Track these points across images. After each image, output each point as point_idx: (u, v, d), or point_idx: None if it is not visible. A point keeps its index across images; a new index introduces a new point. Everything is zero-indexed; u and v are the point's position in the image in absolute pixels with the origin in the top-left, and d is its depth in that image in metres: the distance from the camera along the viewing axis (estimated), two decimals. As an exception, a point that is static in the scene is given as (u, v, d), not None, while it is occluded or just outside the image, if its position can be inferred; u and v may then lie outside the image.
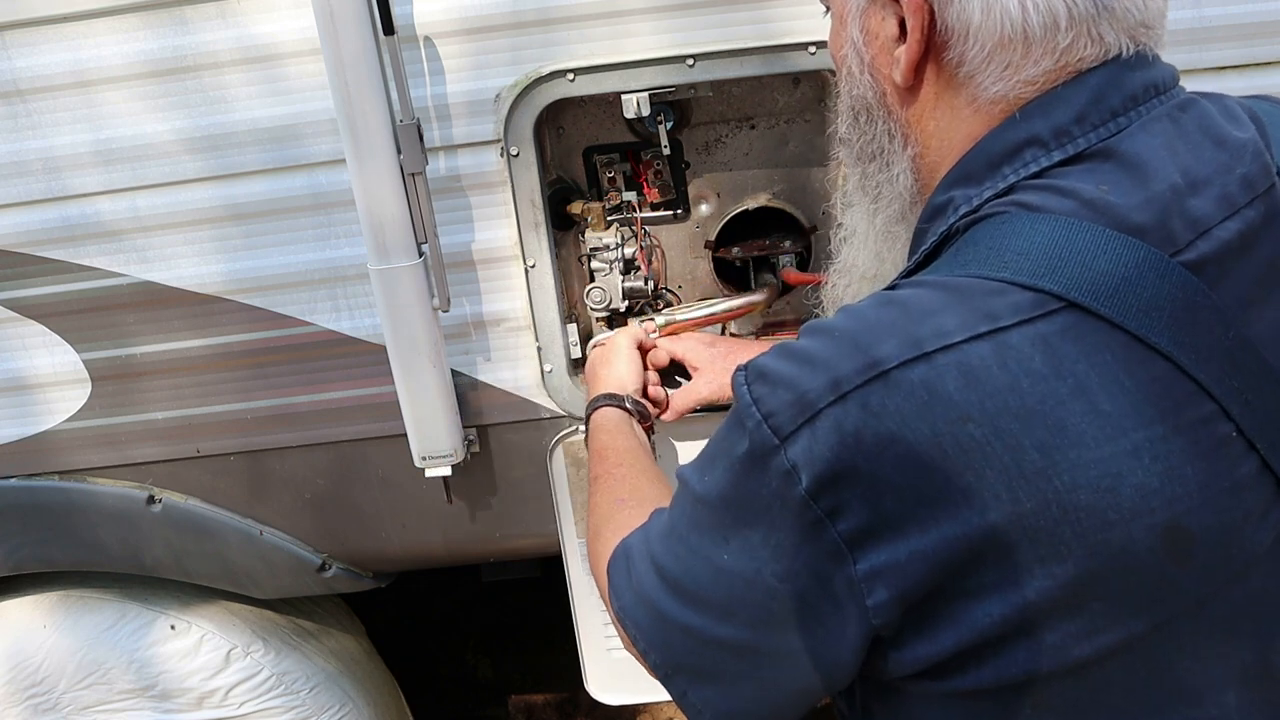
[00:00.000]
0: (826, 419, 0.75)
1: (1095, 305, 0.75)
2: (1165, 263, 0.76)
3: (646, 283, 1.67)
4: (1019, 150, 0.82)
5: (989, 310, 0.75)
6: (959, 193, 0.85)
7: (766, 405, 0.78)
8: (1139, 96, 0.82)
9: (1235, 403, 0.77)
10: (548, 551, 1.90)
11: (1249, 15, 1.50)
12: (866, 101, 0.93)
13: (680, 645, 0.89)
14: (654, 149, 1.67)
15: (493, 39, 1.52)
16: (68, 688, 2.03)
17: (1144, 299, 0.75)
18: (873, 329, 0.77)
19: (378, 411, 1.75)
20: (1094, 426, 0.73)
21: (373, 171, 1.48)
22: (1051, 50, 0.81)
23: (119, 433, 1.79)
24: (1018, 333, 0.74)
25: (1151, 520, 0.74)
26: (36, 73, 1.55)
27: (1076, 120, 0.81)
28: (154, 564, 1.92)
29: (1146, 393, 0.75)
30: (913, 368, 0.74)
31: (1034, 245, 0.77)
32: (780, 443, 0.77)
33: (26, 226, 1.65)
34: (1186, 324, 0.76)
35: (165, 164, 1.60)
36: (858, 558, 0.76)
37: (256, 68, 1.54)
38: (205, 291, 1.68)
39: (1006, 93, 0.83)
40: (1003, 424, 0.73)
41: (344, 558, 1.93)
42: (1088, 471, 0.73)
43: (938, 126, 0.88)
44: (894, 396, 0.74)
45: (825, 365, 0.76)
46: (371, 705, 2.20)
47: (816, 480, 0.76)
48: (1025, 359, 0.74)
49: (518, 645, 3.14)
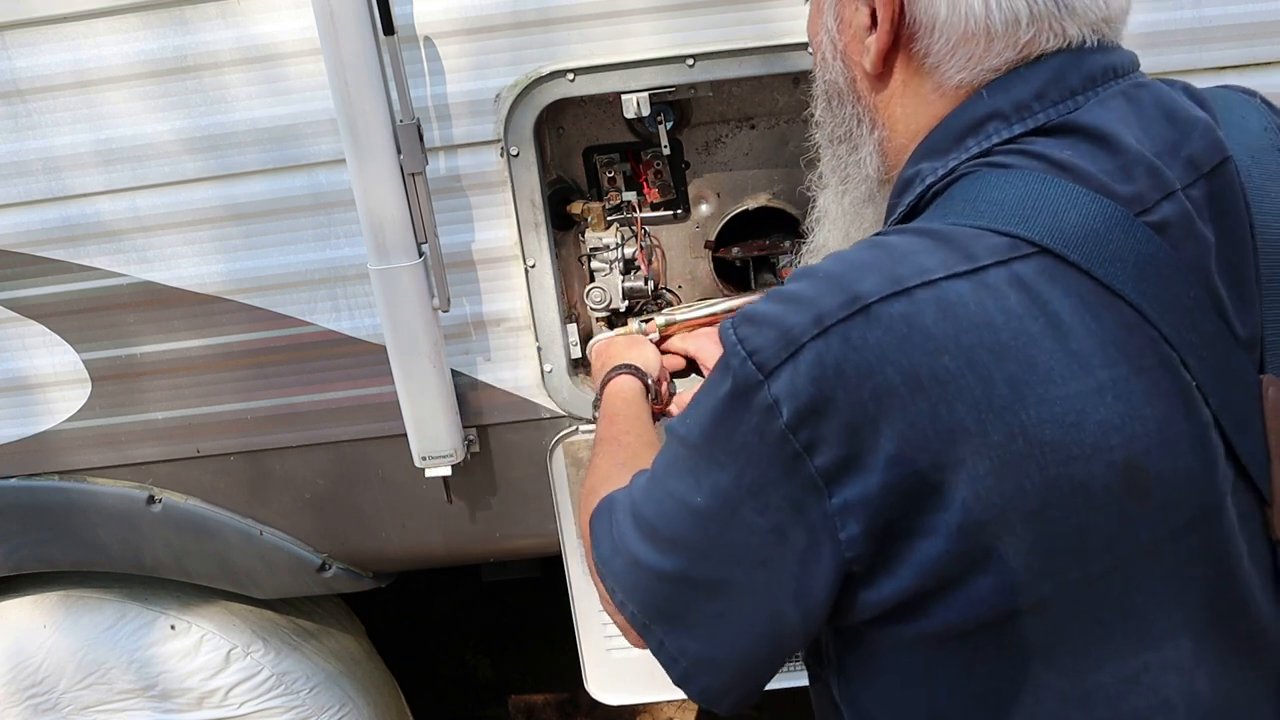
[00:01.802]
0: (809, 352, 0.78)
1: (1065, 252, 0.78)
2: (1130, 220, 0.80)
3: (646, 283, 1.67)
4: (981, 124, 0.86)
5: (968, 251, 0.79)
6: (926, 165, 0.89)
7: (751, 344, 0.81)
8: (1097, 78, 0.86)
9: (1193, 357, 0.80)
10: (548, 551, 1.90)
11: (1249, 15, 1.50)
12: (838, 86, 0.97)
13: (656, 591, 0.90)
14: (654, 149, 1.67)
15: (493, 39, 1.52)
16: (68, 688, 2.03)
17: (1110, 250, 0.79)
18: (856, 268, 0.80)
19: (378, 411, 1.75)
20: (1062, 364, 0.76)
21: (373, 171, 1.48)
22: (1013, 44, 0.85)
23: (119, 433, 1.79)
24: (994, 272, 0.78)
25: (1111, 457, 0.77)
26: (37, 73, 1.55)
27: (1036, 96, 0.85)
28: (154, 564, 1.92)
29: (1112, 335, 0.78)
30: (893, 302, 0.77)
31: (1007, 197, 0.81)
32: (764, 378, 0.79)
33: (27, 226, 1.65)
34: (1150, 276, 0.80)
35: (165, 164, 1.60)
36: (833, 491, 0.79)
37: (256, 68, 1.54)
38: (205, 291, 1.68)
39: (970, 80, 0.87)
40: (976, 357, 0.76)
41: (344, 558, 1.93)
42: (1054, 407, 0.76)
43: (904, 111, 0.92)
44: (874, 329, 0.77)
45: (809, 303, 0.79)
46: (371, 705, 2.20)
47: (797, 413, 0.78)
48: (1001, 296, 0.77)
49: (518, 645, 3.14)
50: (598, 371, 1.54)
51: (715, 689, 0.91)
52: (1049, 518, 0.77)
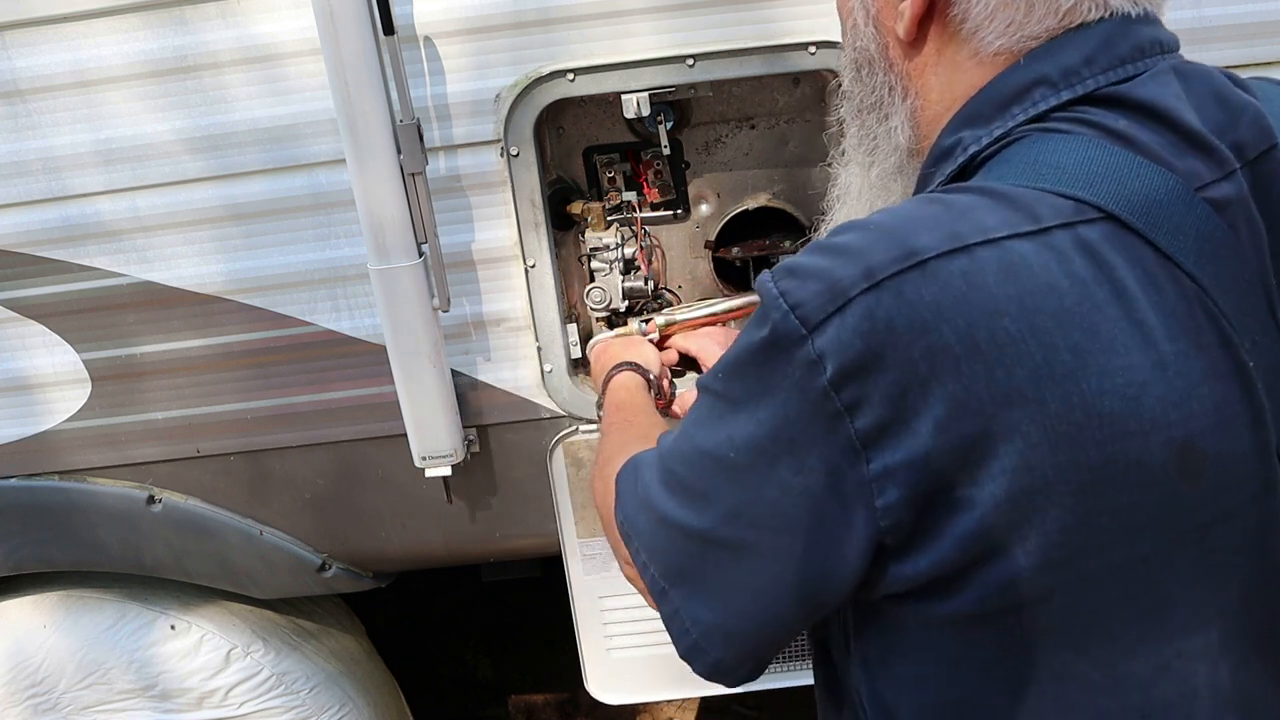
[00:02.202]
0: (858, 306, 0.74)
1: (1131, 219, 0.76)
2: (1190, 194, 0.78)
3: (646, 283, 1.67)
4: (1028, 90, 0.83)
5: (1032, 211, 0.76)
6: (968, 133, 0.86)
7: (794, 296, 0.77)
8: (1145, 49, 0.84)
9: (1248, 340, 0.78)
10: (548, 551, 1.90)
11: (1249, 15, 1.50)
12: (869, 54, 0.94)
13: (681, 549, 0.87)
14: (654, 149, 1.67)
15: (493, 39, 1.52)
16: (68, 688, 2.03)
17: (1173, 222, 0.77)
18: (911, 222, 0.77)
19: (378, 411, 1.75)
20: (1126, 334, 0.74)
21: (373, 171, 1.48)
22: (1055, 10, 0.82)
23: (119, 433, 1.79)
24: (1060, 234, 0.75)
25: (1169, 434, 0.75)
26: (37, 73, 1.55)
27: (1085, 62, 0.82)
28: (154, 564, 1.92)
29: (1174, 309, 0.76)
30: (952, 259, 0.74)
31: (1068, 161, 0.78)
32: (808, 332, 0.76)
33: (27, 226, 1.65)
34: (1209, 254, 0.78)
35: (165, 164, 1.60)
36: (871, 456, 0.76)
37: (256, 68, 1.54)
38: (205, 291, 1.68)
39: (1009, 46, 0.84)
40: (1039, 322, 0.73)
41: (344, 558, 1.93)
42: (1115, 378, 0.74)
43: (939, 79, 0.89)
44: (930, 286, 0.73)
45: (859, 255, 0.76)
46: (371, 705, 2.20)
47: (841, 370, 0.75)
48: (1067, 260, 0.74)
49: (518, 645, 3.14)
50: (598, 373, 1.53)
51: (725, 662, 0.87)
52: (1099, 493, 0.75)
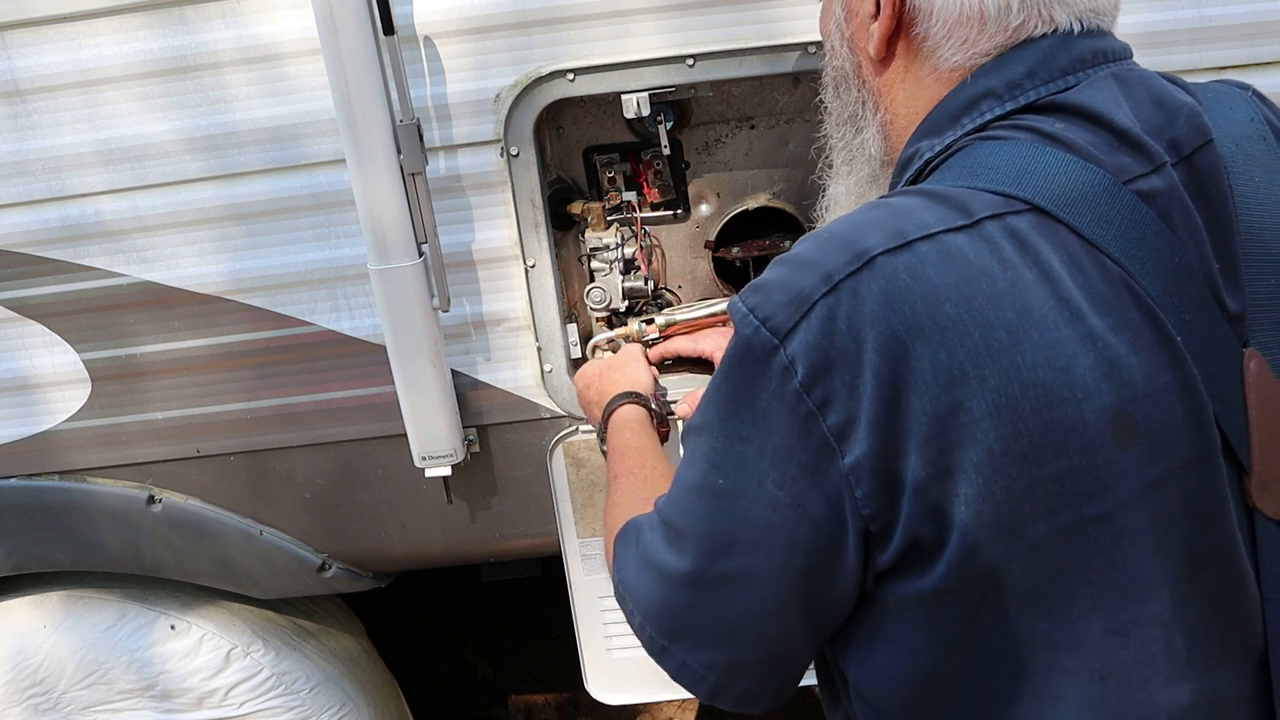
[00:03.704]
0: (820, 309, 0.81)
1: (1056, 210, 0.83)
2: (1117, 187, 0.85)
3: (646, 283, 1.67)
4: (976, 102, 0.92)
5: (965, 207, 0.84)
6: (924, 143, 0.95)
7: (763, 311, 0.84)
8: (1087, 60, 0.91)
9: (1175, 319, 0.84)
10: (548, 551, 1.91)
11: (1249, 15, 1.50)
12: (845, 72, 1.05)
13: (678, 602, 0.91)
14: (654, 149, 1.67)
15: (493, 39, 1.52)
16: (68, 688, 2.03)
17: (1098, 212, 0.84)
18: (860, 226, 0.85)
19: (378, 411, 1.75)
20: (1055, 311, 0.81)
21: (373, 171, 1.48)
22: (1004, 28, 0.91)
23: (119, 433, 1.79)
24: (990, 225, 0.83)
25: (1100, 402, 0.81)
26: (37, 73, 1.55)
27: (1027, 75, 0.91)
28: (154, 564, 1.92)
29: (1098, 288, 0.83)
30: (897, 255, 0.81)
31: (1001, 162, 0.87)
32: (779, 341, 0.83)
33: (27, 226, 1.65)
34: (1135, 239, 0.84)
35: (165, 164, 1.60)
36: (844, 450, 0.82)
37: (257, 68, 1.54)
38: (205, 291, 1.68)
39: (963, 63, 0.93)
40: (976, 304, 0.80)
41: (344, 558, 1.93)
42: (1047, 351, 0.80)
43: (905, 94, 0.99)
44: (879, 280, 0.81)
45: (817, 263, 0.83)
46: (371, 705, 2.20)
47: (810, 370, 0.82)
48: (997, 247, 0.82)
49: (518, 645, 3.14)
50: (592, 400, 1.51)
51: (751, 690, 0.92)
52: (1041, 460, 0.80)
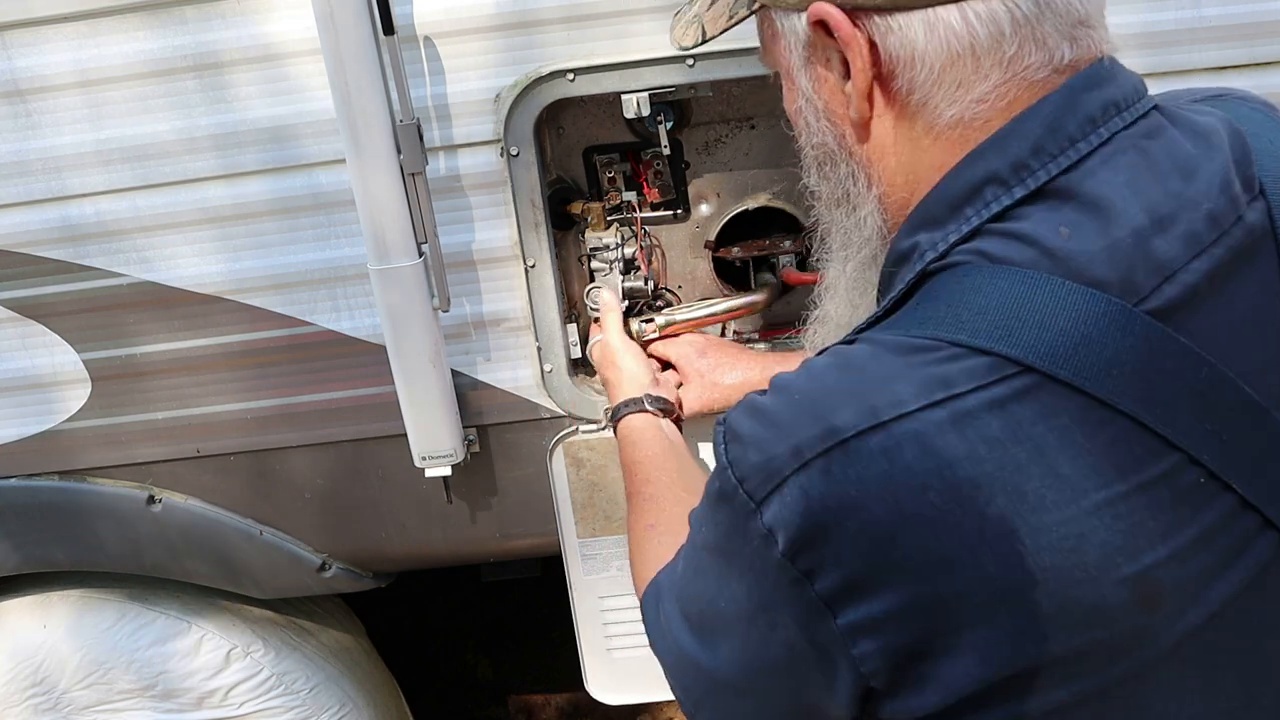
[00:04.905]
0: (793, 485, 0.76)
1: (1053, 369, 0.74)
2: (1128, 314, 0.76)
3: (646, 283, 1.67)
4: (979, 189, 0.81)
5: (944, 376, 0.75)
6: (924, 237, 0.84)
7: (740, 469, 0.79)
8: (1097, 118, 0.81)
9: (1207, 446, 0.77)
10: (548, 551, 1.90)
11: (1249, 15, 1.49)
12: (828, 148, 0.92)
13: (698, 683, 0.92)
14: (654, 149, 1.67)
15: (493, 39, 1.52)
16: (68, 688, 2.03)
17: (1105, 356, 0.75)
18: (830, 394, 0.78)
19: (378, 411, 1.75)
20: (1053, 490, 0.74)
21: (373, 171, 1.48)
22: (999, 61, 0.80)
23: (119, 433, 1.79)
24: (974, 398, 0.74)
25: (1119, 575, 0.75)
26: (36, 72, 1.55)
27: (1034, 152, 0.80)
28: (154, 564, 1.92)
29: (1106, 453, 0.75)
30: (870, 436, 0.74)
31: (992, 303, 0.77)
32: (756, 507, 0.78)
33: (27, 226, 1.65)
34: (1150, 376, 0.76)
35: (165, 164, 1.60)
36: (838, 613, 0.77)
37: (257, 68, 1.54)
38: (205, 291, 1.68)
39: (962, 114, 0.82)
40: (963, 492, 0.73)
41: (344, 558, 1.93)
42: (1050, 534, 0.73)
43: (899, 161, 0.87)
44: (854, 465, 0.74)
45: (788, 431, 0.77)
46: (371, 705, 2.20)
47: (790, 543, 0.77)
48: (982, 425, 0.74)
49: (518, 645, 3.14)
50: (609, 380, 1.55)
51: None
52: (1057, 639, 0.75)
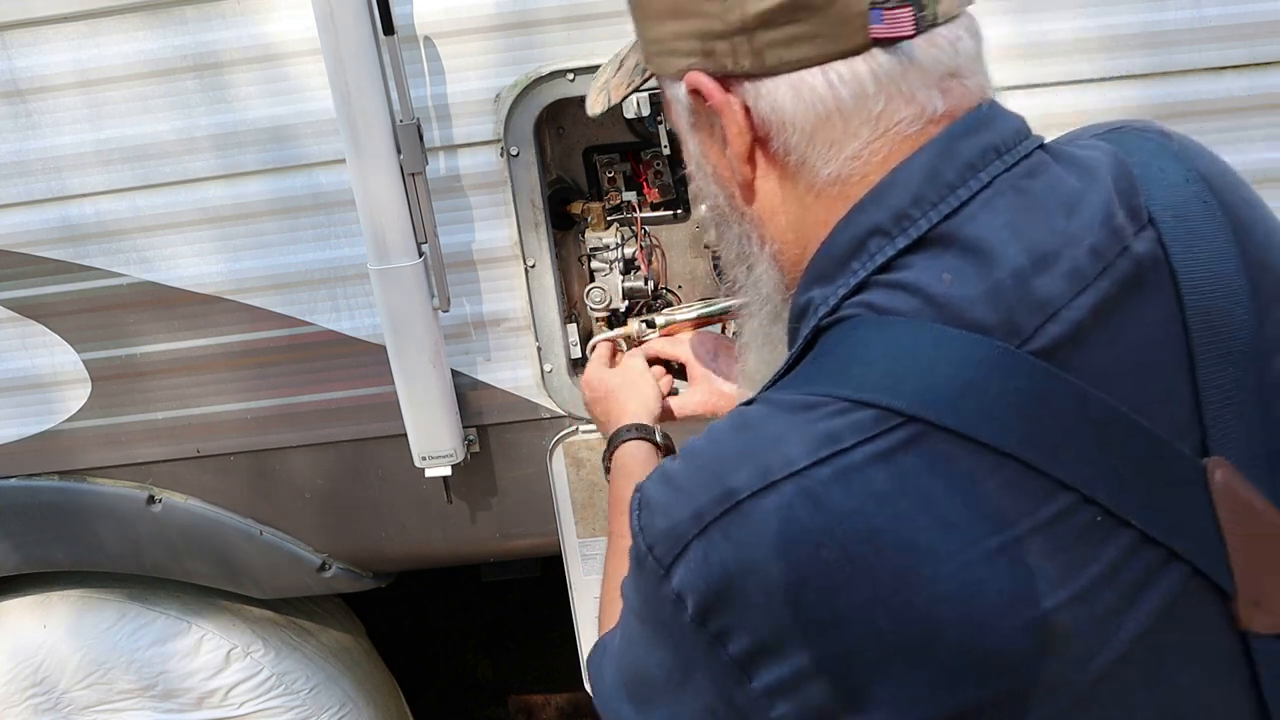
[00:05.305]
0: (695, 550, 0.76)
1: (937, 418, 0.74)
2: (1012, 356, 0.76)
3: (646, 283, 1.67)
4: (863, 242, 0.82)
5: (832, 432, 0.75)
6: (817, 292, 0.85)
7: (649, 536, 0.80)
8: (976, 163, 0.81)
9: (1101, 484, 0.76)
10: (548, 551, 1.90)
11: (1249, 15, 1.49)
12: (721, 209, 0.93)
13: None
14: (654, 149, 1.67)
15: (493, 39, 1.52)
16: (68, 687, 2.03)
17: (989, 400, 0.75)
18: (727, 457, 0.78)
19: (378, 411, 1.75)
20: (944, 540, 0.73)
21: (373, 171, 1.48)
22: (868, 119, 0.80)
23: (119, 433, 1.79)
24: (859, 452, 0.74)
25: (1018, 621, 0.74)
26: (37, 73, 1.55)
27: (914, 201, 0.80)
28: (154, 564, 1.92)
29: (997, 498, 0.74)
30: (764, 497, 0.75)
31: (877, 355, 0.78)
32: (665, 572, 0.78)
33: (27, 226, 1.65)
34: (1039, 416, 0.75)
35: (165, 164, 1.60)
36: (752, 676, 0.77)
37: (257, 68, 1.55)
38: (205, 291, 1.68)
39: (839, 172, 0.83)
40: (853, 548, 0.73)
41: (344, 558, 1.93)
42: (945, 584, 0.73)
43: (789, 219, 0.88)
44: (748, 526, 0.75)
45: (689, 495, 0.78)
46: (371, 705, 2.20)
47: (698, 608, 0.77)
48: (867, 479, 0.74)
49: (518, 645, 3.14)
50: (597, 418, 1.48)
51: None
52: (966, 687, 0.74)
